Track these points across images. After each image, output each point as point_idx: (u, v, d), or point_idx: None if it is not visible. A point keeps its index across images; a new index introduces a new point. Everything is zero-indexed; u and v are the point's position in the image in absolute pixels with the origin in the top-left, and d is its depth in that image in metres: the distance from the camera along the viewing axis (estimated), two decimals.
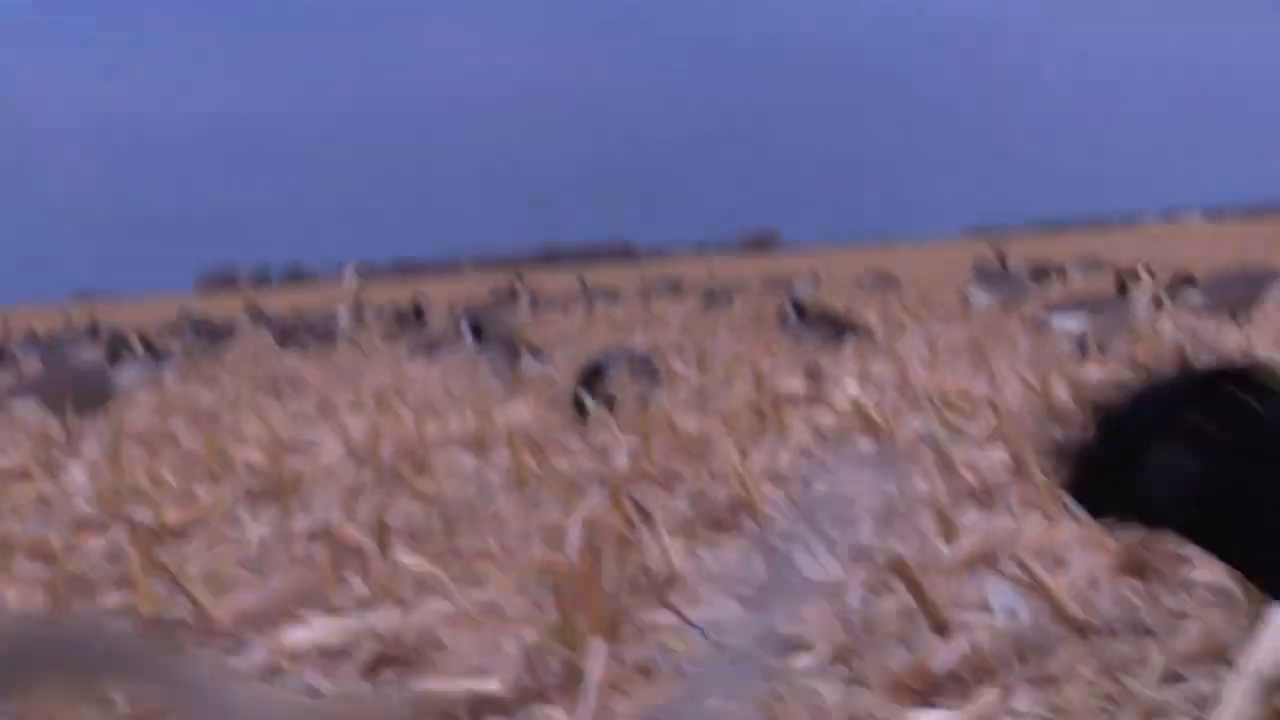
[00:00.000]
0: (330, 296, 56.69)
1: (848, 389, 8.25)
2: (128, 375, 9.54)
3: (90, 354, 12.25)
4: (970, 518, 4.68)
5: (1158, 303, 11.62)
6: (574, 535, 4.86)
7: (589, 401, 7.76)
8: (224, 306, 43.25)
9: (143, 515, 5.66)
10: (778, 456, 6.00)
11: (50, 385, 9.44)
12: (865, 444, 6.23)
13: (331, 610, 4.18)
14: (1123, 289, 10.61)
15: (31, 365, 15.81)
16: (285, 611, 4.18)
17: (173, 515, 5.72)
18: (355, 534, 5.24)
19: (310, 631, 3.87)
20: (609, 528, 4.88)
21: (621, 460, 6.21)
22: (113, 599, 4.56)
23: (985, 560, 4.03)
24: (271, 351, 17.64)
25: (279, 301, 51.99)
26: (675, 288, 27.63)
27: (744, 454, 6.05)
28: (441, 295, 41.65)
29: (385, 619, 3.90)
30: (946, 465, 5.33)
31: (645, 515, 4.88)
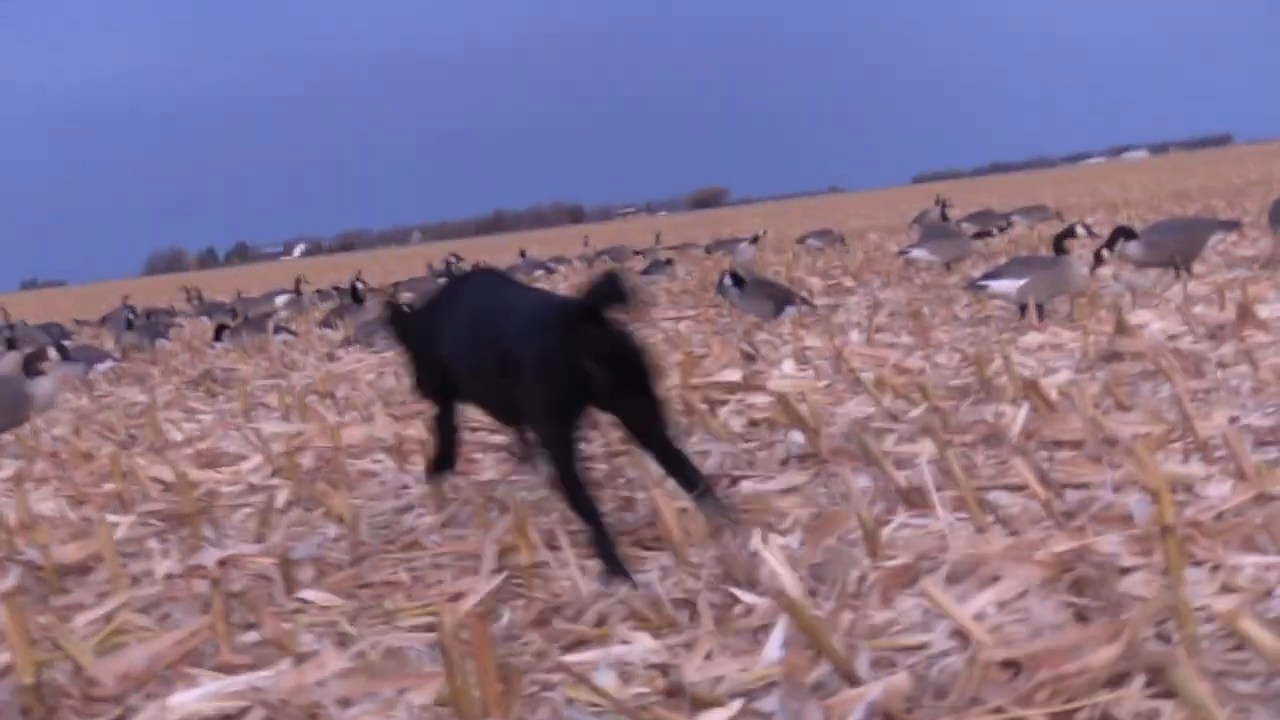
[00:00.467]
0: (276, 273, 56.18)
1: (784, 371, 8.04)
2: (43, 388, 9.22)
3: (9, 364, 11.89)
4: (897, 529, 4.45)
5: (1097, 259, 11.45)
6: (487, 560, 4.65)
7: None
8: (170, 290, 42.85)
9: (37, 553, 5.37)
10: (706, 458, 5.77)
11: None
12: (795, 437, 6.00)
13: (226, 665, 3.93)
14: (1061, 246, 10.43)
15: None
16: (177, 669, 3.93)
17: (71, 551, 5.44)
18: (261, 567, 5.01)
19: (198, 696, 3.62)
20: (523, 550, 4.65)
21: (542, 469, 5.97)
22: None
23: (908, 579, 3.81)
24: (207, 344, 17.31)
25: (224, 282, 51.54)
26: (618, 256, 27.31)
27: None
28: (389, 270, 41.26)
29: (279, 676, 3.65)
30: (873, 463, 5.11)
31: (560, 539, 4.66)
